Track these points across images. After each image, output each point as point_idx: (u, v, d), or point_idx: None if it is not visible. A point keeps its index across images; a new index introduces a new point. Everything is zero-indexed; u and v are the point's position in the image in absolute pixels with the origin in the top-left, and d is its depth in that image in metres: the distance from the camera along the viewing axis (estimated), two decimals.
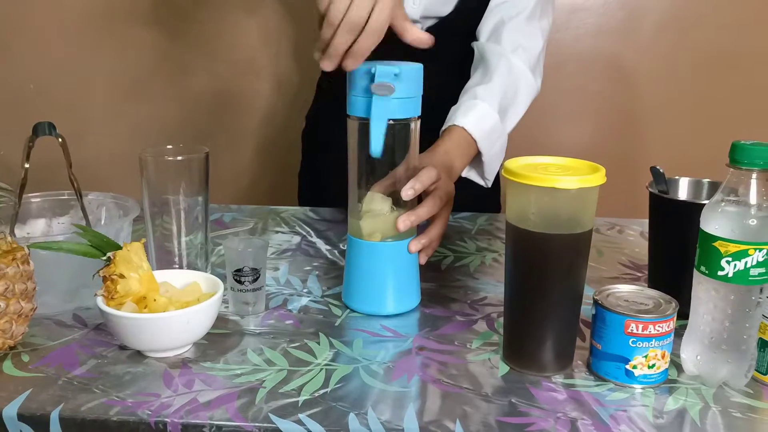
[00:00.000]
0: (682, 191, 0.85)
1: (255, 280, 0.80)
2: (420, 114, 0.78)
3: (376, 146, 0.75)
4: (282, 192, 1.70)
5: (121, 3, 1.80)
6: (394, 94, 0.73)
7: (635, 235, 1.10)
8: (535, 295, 0.67)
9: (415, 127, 0.78)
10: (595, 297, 0.68)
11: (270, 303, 0.84)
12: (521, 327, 0.69)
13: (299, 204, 1.35)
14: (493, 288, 0.89)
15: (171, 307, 0.71)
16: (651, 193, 0.81)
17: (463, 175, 1.05)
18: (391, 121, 0.75)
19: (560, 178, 0.63)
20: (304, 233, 1.09)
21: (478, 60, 1.07)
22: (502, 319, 0.79)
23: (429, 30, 1.11)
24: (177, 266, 0.88)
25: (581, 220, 0.66)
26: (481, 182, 1.06)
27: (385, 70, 0.72)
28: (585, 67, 1.79)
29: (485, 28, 1.08)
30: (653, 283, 0.84)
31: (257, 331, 0.77)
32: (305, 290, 0.88)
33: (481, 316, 0.81)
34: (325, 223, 1.14)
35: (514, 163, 0.68)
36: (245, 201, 1.54)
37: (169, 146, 0.87)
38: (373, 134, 0.74)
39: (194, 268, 0.88)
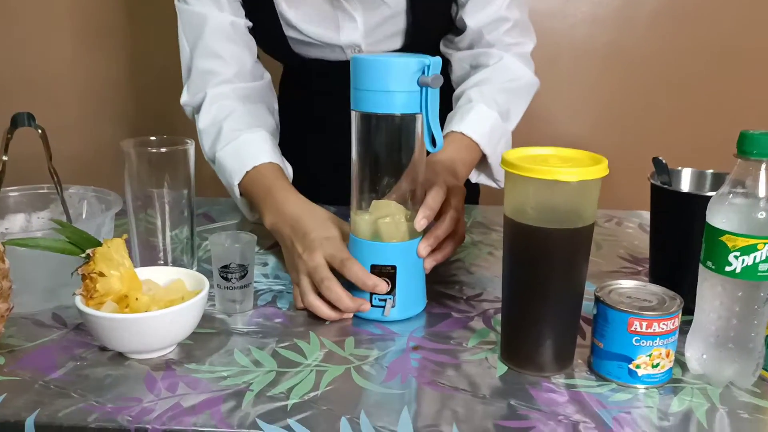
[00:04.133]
0: (685, 183, 0.83)
1: (242, 276, 0.77)
2: None
3: (440, 140, 0.72)
4: None
5: None
6: (416, 87, 0.71)
7: (634, 228, 1.08)
8: (534, 292, 0.65)
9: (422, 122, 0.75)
10: (597, 293, 0.65)
11: (258, 300, 0.81)
12: (520, 325, 0.66)
13: None
14: (489, 283, 0.86)
15: (154, 306, 0.67)
16: (653, 184, 0.79)
17: (474, 180, 1.02)
18: (399, 115, 0.72)
19: (561, 170, 0.60)
20: None
21: (466, 68, 1.04)
22: (499, 316, 0.76)
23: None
24: (162, 262, 0.84)
25: (582, 214, 0.63)
26: (493, 184, 1.03)
27: (436, 61, 0.70)
28: (581, 56, 1.76)
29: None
30: (654, 278, 0.81)
31: (245, 330, 0.73)
32: None
33: (478, 313, 0.78)
34: None
35: (512, 155, 0.65)
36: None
37: (153, 137, 0.84)
38: (434, 128, 0.72)
39: (180, 264, 0.85)
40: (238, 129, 0.94)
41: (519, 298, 0.66)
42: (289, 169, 0.97)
